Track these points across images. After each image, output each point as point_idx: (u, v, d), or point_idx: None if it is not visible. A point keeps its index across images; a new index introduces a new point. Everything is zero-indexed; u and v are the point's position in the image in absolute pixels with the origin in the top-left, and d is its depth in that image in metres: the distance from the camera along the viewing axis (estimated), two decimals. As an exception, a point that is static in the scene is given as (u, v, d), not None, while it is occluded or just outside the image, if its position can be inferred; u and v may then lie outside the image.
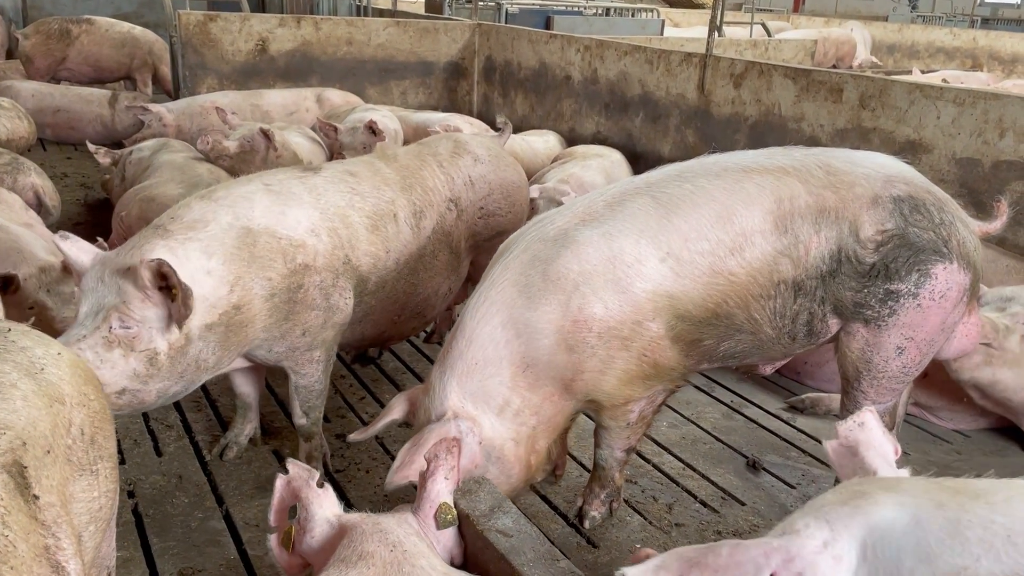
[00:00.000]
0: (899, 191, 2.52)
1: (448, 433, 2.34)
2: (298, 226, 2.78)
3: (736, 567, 1.35)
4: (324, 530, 1.97)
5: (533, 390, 2.47)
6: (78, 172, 6.97)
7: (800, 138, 4.95)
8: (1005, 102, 4.05)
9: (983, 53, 12.60)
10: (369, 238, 2.99)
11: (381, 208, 3.07)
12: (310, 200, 2.87)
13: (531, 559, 2.06)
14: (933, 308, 2.53)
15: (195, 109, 6.45)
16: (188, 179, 4.58)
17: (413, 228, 3.16)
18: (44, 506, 1.42)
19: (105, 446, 1.72)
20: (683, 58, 5.79)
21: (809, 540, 1.35)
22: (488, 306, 2.47)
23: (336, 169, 3.11)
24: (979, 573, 1.22)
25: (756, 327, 2.56)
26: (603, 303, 2.42)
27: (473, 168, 3.47)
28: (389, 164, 3.27)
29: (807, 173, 2.53)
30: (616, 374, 2.50)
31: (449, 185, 3.36)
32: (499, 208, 3.56)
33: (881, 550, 1.32)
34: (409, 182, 3.23)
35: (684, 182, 2.55)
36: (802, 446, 3.53)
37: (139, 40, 8.81)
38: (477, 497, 2.28)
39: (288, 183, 2.90)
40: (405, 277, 3.15)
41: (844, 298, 2.53)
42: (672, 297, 2.47)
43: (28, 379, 1.53)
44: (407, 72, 7.83)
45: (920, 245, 2.49)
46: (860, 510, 1.36)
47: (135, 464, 3.15)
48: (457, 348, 2.47)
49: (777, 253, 2.49)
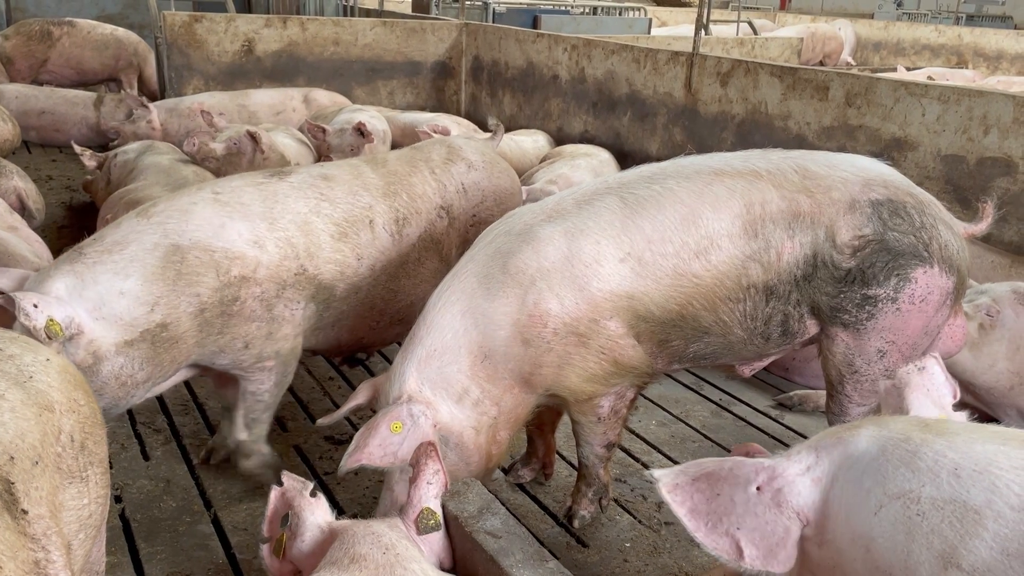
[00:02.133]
0: (878, 195, 2.50)
1: (399, 416, 2.38)
2: (238, 238, 2.73)
3: (733, 478, 1.59)
4: (315, 535, 1.97)
5: (493, 381, 2.49)
6: (63, 175, 6.92)
7: (787, 136, 4.97)
8: (989, 99, 4.07)
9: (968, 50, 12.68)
10: (335, 245, 2.93)
11: (354, 214, 3.01)
12: (260, 209, 2.82)
13: (520, 560, 2.06)
14: (913, 312, 2.52)
15: (181, 110, 6.42)
16: (173, 181, 4.56)
17: (393, 235, 3.11)
18: (33, 519, 1.41)
19: (95, 451, 1.71)
20: (670, 57, 5.80)
21: (795, 464, 1.57)
22: (449, 295, 2.52)
23: (309, 173, 3.07)
24: (921, 496, 1.40)
25: (725, 329, 2.56)
26: (559, 299, 2.45)
27: (467, 175, 3.41)
28: (375, 169, 3.23)
29: (781, 177, 2.51)
30: (575, 371, 2.52)
31: (440, 192, 3.31)
32: (492, 215, 3.41)
33: (849, 472, 1.51)
34: (394, 188, 3.18)
35: (653, 183, 2.55)
36: (791, 443, 3.53)
37: (123, 42, 8.75)
38: (465, 499, 2.28)
39: (240, 192, 2.85)
40: (383, 284, 3.10)
41: (820, 302, 2.53)
42: (632, 297, 2.48)
43: (16, 388, 1.52)
44: (394, 72, 7.81)
45: (899, 250, 2.47)
46: (843, 441, 1.56)
47: (122, 468, 3.14)
48: (418, 335, 2.50)
49: (746, 257, 2.47)
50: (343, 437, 3.41)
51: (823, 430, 1.70)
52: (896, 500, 1.42)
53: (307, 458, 3.28)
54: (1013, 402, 3.47)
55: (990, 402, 3.54)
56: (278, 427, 3.49)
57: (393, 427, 2.37)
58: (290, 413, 3.59)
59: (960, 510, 1.35)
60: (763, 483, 1.57)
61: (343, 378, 3.92)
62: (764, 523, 1.55)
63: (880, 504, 1.44)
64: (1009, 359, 3.38)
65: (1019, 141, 3.96)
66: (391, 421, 2.37)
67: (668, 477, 1.62)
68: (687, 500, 1.59)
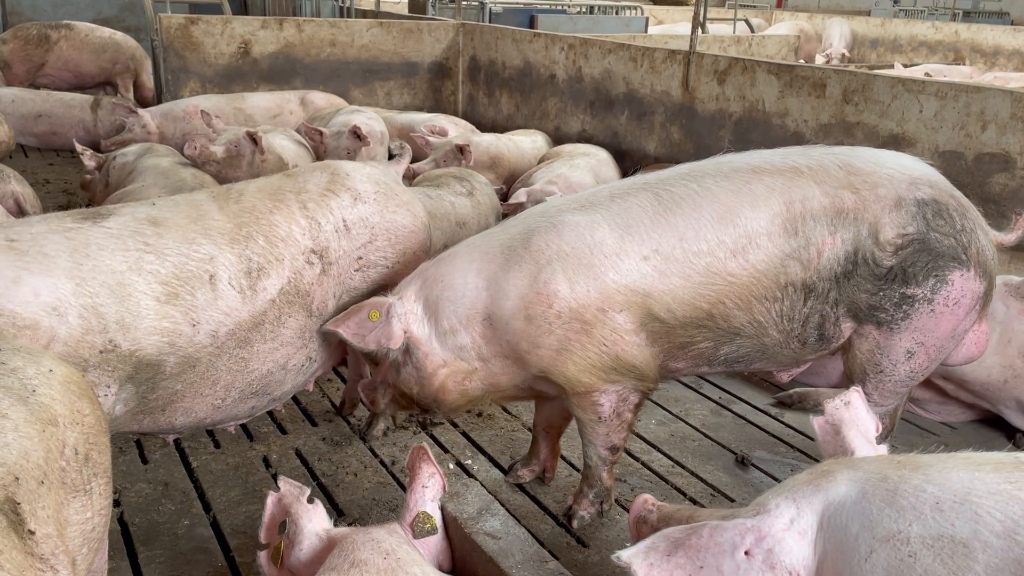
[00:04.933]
0: (924, 194, 2.48)
1: (380, 307, 2.62)
2: (34, 300, 2.15)
3: (716, 547, 1.51)
4: (313, 543, 1.97)
5: (487, 341, 2.60)
6: (60, 178, 6.91)
7: (785, 133, 4.96)
8: (986, 95, 4.07)
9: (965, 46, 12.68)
10: (161, 310, 2.36)
11: (188, 269, 2.44)
12: (67, 264, 2.24)
13: (519, 561, 2.06)
14: (946, 314, 2.51)
15: (178, 113, 6.41)
16: (172, 184, 4.55)
17: (243, 291, 2.54)
18: (41, 539, 1.39)
19: (99, 461, 1.69)
20: (667, 55, 5.80)
21: (778, 519, 1.51)
22: (473, 252, 2.66)
23: (135, 216, 2.48)
24: (910, 536, 1.37)
25: (760, 330, 2.54)
26: (570, 283, 2.49)
27: (351, 209, 2.84)
28: (224, 207, 2.64)
29: (824, 173, 2.49)
30: (574, 359, 2.54)
31: (312, 232, 2.73)
32: (382, 258, 2.94)
33: (834, 520, 1.47)
34: (247, 231, 2.60)
35: (691, 181, 2.56)
36: (790, 441, 3.54)
37: (120, 45, 8.74)
38: (465, 500, 2.28)
39: (44, 239, 2.27)
40: (230, 352, 2.55)
41: (859, 300, 2.51)
42: (649, 295, 2.48)
43: (20, 405, 1.50)
44: (391, 73, 7.80)
45: (940, 251, 2.45)
46: (821, 488, 1.52)
47: (120, 472, 3.13)
48: (438, 263, 2.70)
49: (785, 256, 2.46)
50: (342, 439, 3.40)
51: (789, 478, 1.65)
52: (885, 543, 1.39)
53: (306, 460, 3.27)
54: (1010, 395, 3.47)
55: (988, 398, 3.54)
56: (277, 430, 3.49)
57: (371, 314, 2.63)
58: (288, 415, 3.58)
59: (949, 545, 1.33)
60: (750, 546, 1.50)
61: (341, 379, 3.91)
62: None
63: (870, 549, 1.40)
64: (999, 353, 3.37)
65: (1017, 137, 3.95)
66: (372, 308, 2.64)
67: (639, 558, 1.52)
68: None
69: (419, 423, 3.53)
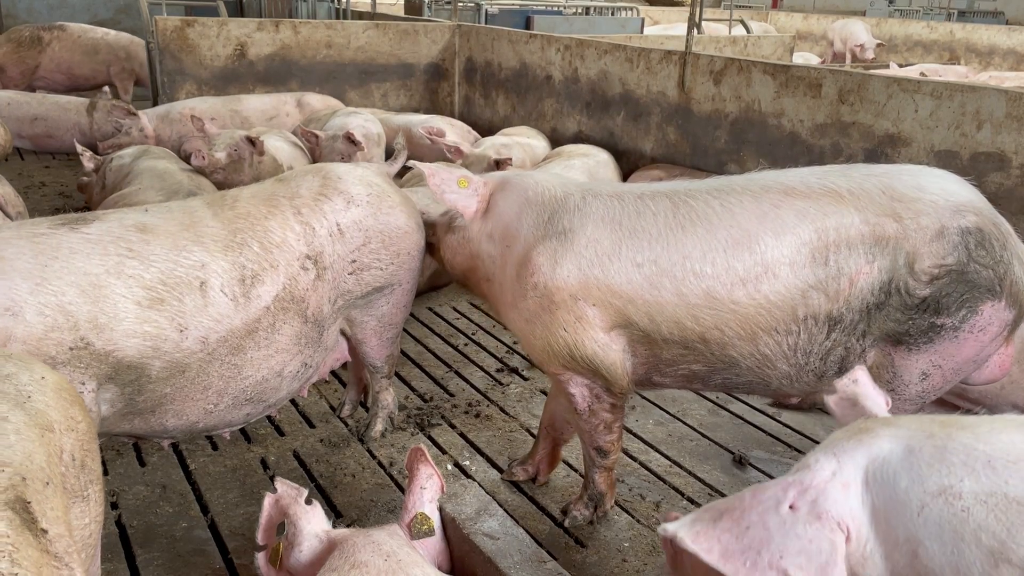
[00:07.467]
0: (968, 222, 2.34)
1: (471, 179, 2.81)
2: None
3: (759, 505, 1.49)
4: (312, 545, 1.96)
5: (501, 270, 2.77)
6: (56, 181, 6.90)
7: (781, 134, 4.97)
8: (982, 94, 4.08)
9: (960, 46, 12.71)
10: (143, 314, 2.38)
11: (176, 275, 2.46)
12: (27, 266, 2.28)
13: (517, 561, 2.06)
14: (970, 340, 2.40)
15: (174, 116, 6.40)
16: (168, 186, 4.54)
17: (236, 298, 2.56)
18: (54, 538, 1.39)
19: (93, 468, 1.69)
20: (663, 56, 5.80)
21: (819, 472, 1.50)
22: (524, 191, 2.76)
23: (121, 222, 2.51)
24: (962, 491, 1.37)
25: (763, 362, 2.45)
26: (554, 262, 2.55)
27: (344, 212, 2.86)
28: (218, 213, 2.67)
29: (867, 198, 2.36)
30: (537, 332, 2.62)
31: (307, 238, 2.75)
32: (377, 260, 2.95)
33: (881, 475, 1.46)
34: (241, 238, 2.62)
35: (714, 198, 2.47)
36: (788, 441, 3.54)
37: (112, 46, 8.69)
38: (463, 500, 2.28)
39: (5, 244, 2.32)
40: (222, 359, 2.57)
41: (886, 329, 2.40)
42: (632, 302, 2.46)
43: (18, 410, 1.50)
44: (388, 74, 7.80)
45: (976, 282, 2.33)
46: (863, 443, 1.51)
47: (118, 475, 3.12)
48: (518, 172, 2.95)
49: (808, 286, 2.34)
50: (339, 440, 3.40)
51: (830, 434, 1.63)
52: (938, 498, 1.38)
53: (304, 462, 3.27)
54: (1007, 400, 3.47)
55: (984, 403, 3.53)
56: (274, 431, 3.48)
57: (461, 181, 2.80)
58: (286, 417, 3.58)
59: (1003, 502, 1.33)
60: (794, 499, 1.47)
61: (339, 381, 3.91)
62: (808, 543, 1.43)
63: (922, 504, 1.38)
64: None
65: (1012, 136, 3.96)
66: (464, 177, 2.81)
67: (685, 527, 1.51)
68: (715, 544, 1.46)
69: (417, 424, 3.54)
